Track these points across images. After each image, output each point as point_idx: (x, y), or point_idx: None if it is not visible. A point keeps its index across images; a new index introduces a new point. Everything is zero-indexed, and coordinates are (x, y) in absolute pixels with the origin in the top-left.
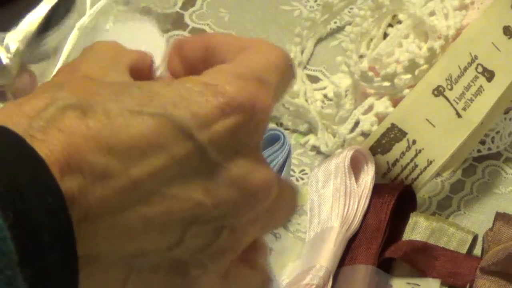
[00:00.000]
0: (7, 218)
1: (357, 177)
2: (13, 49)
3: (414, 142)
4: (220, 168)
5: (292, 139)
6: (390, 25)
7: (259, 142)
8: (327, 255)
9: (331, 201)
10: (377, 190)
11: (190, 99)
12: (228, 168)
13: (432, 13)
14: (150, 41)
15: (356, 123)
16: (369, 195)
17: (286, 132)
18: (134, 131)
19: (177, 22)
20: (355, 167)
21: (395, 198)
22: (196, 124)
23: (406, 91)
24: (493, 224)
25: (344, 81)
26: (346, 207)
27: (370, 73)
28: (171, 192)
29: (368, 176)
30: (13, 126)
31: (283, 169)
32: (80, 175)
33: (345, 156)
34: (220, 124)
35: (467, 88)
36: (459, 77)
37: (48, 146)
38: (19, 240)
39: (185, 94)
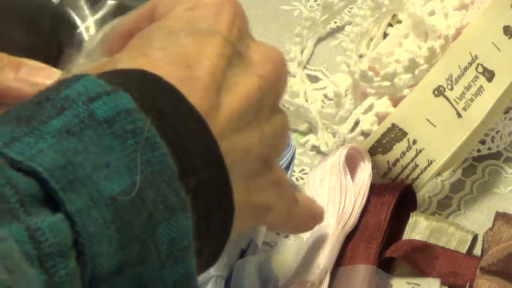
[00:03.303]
0: (163, 138)
1: (354, 175)
2: None
3: (414, 142)
4: (246, 55)
5: (292, 139)
6: (390, 25)
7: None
8: (323, 252)
9: (327, 199)
10: (378, 190)
11: (197, 19)
12: (250, 53)
13: (432, 13)
14: None
15: (356, 123)
16: (367, 192)
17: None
18: (188, 50)
19: None
20: (352, 165)
21: (396, 198)
22: (216, 27)
23: (406, 90)
24: (493, 223)
25: (344, 81)
26: (342, 205)
27: (370, 73)
28: (234, 78)
29: (365, 173)
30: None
31: (288, 172)
32: (197, 96)
33: (339, 154)
34: (223, 17)
35: (468, 88)
36: (459, 77)
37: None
38: (174, 157)
39: (190, 18)
